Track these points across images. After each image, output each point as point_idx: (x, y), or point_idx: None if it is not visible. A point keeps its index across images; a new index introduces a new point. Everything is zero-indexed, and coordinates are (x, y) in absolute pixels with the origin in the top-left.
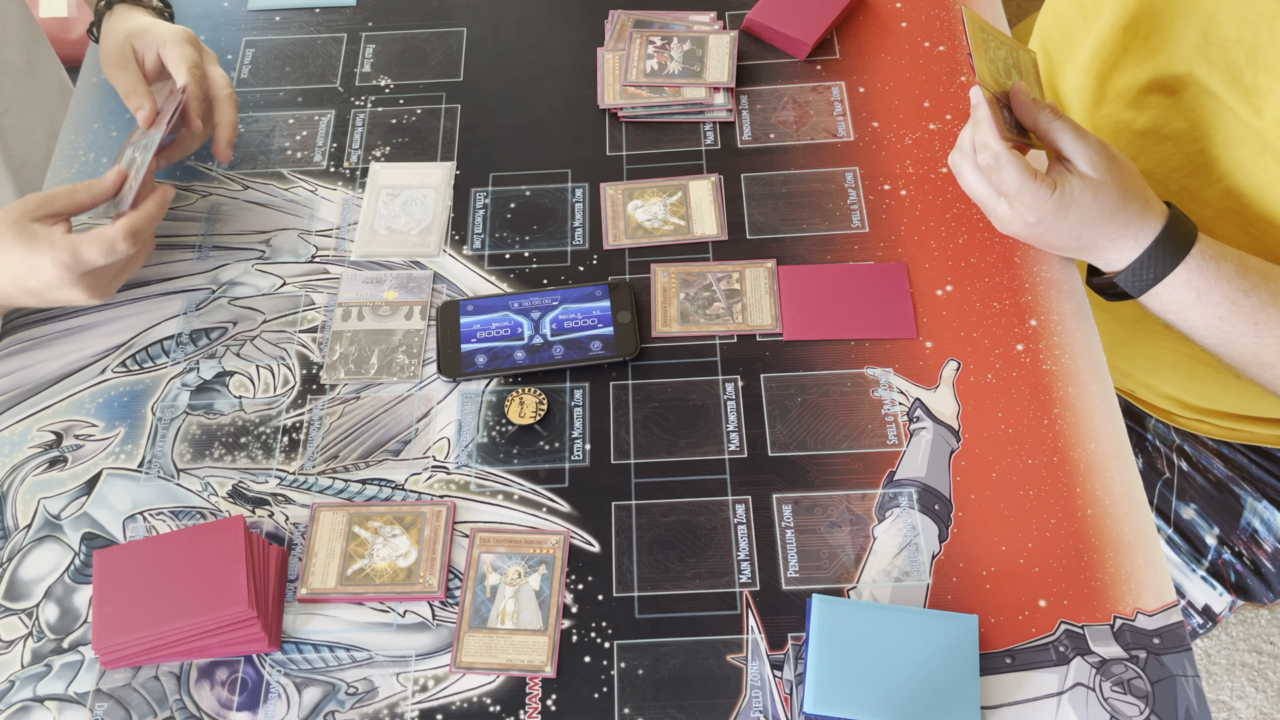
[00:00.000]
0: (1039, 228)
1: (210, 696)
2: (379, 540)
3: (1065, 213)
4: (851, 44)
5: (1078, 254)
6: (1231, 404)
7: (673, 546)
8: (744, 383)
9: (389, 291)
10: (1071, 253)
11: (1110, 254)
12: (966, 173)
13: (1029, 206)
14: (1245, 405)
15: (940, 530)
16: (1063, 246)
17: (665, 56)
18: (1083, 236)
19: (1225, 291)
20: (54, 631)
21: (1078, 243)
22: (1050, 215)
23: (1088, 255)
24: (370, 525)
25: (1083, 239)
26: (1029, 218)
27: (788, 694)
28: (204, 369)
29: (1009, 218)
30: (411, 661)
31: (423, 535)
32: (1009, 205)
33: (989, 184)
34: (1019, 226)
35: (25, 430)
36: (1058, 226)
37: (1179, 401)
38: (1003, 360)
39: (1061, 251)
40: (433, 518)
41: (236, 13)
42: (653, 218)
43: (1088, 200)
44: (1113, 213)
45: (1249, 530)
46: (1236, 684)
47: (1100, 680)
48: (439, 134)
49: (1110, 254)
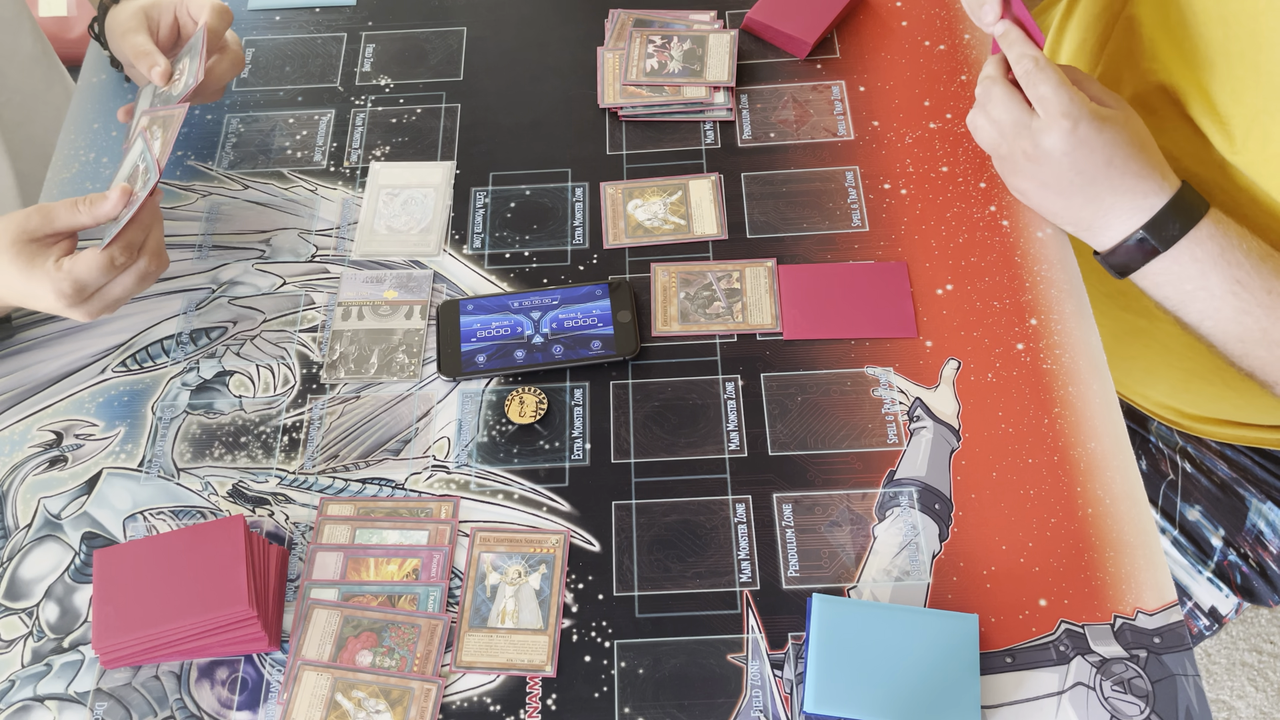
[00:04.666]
0: (1070, 156)
1: (210, 696)
2: (361, 714)
3: (1102, 128)
4: (852, 43)
5: (1096, 204)
6: (1228, 412)
7: (673, 546)
8: (744, 382)
9: (389, 291)
10: (1090, 203)
11: (1135, 198)
12: (998, 93)
13: (1064, 114)
14: (1241, 413)
15: (941, 529)
16: (1085, 185)
17: (665, 56)
18: (1113, 164)
19: (1247, 250)
20: (54, 631)
21: (1106, 178)
22: (1088, 127)
23: (1109, 204)
24: (354, 695)
25: (1112, 170)
26: (1059, 139)
27: (788, 693)
28: (204, 368)
29: (1030, 151)
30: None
31: (408, 716)
32: (1036, 129)
33: (1020, 103)
34: (1040, 166)
35: (25, 430)
36: (1089, 152)
37: (1176, 410)
38: (1003, 359)
39: (1077, 203)
40: (421, 696)
41: (236, 13)
42: (653, 217)
43: (1122, 121)
44: (1143, 143)
45: (1254, 532)
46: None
47: (1101, 680)
48: (439, 133)
49: (1135, 198)
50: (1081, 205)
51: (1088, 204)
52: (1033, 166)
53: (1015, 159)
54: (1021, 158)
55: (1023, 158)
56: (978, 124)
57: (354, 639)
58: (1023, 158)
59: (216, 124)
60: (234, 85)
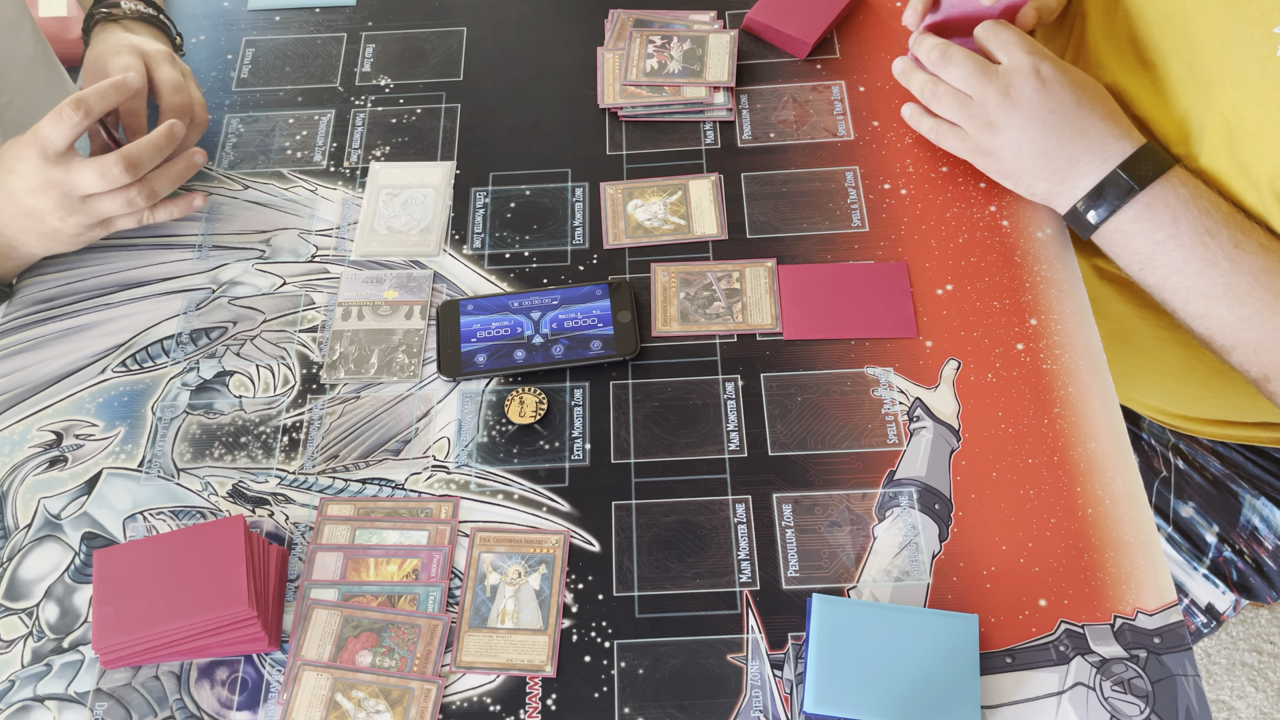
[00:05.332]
0: (1041, 93)
1: (210, 696)
2: (361, 714)
3: (1065, 69)
4: (852, 43)
5: (1070, 148)
6: (1215, 412)
7: (673, 546)
8: (744, 382)
9: (389, 291)
10: (1064, 147)
11: (1106, 140)
12: (956, 52)
13: (1030, 50)
14: (1229, 412)
15: (940, 530)
16: (1058, 125)
17: (665, 56)
18: (1082, 104)
19: (1214, 201)
20: (54, 631)
21: (1076, 118)
22: (1051, 67)
23: (1080, 148)
24: (354, 695)
25: (1081, 110)
26: (1029, 76)
27: (788, 693)
28: (204, 368)
29: (1000, 94)
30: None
31: (408, 716)
32: (1005, 70)
33: (980, 57)
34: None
35: (25, 430)
36: (1060, 88)
37: (1165, 411)
38: (1003, 359)
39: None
40: (421, 696)
41: (236, 13)
42: (653, 217)
43: (1079, 72)
44: (1103, 97)
45: (1249, 528)
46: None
47: (1100, 680)
48: (439, 133)
49: (1106, 140)
50: (1056, 150)
51: (1061, 148)
52: (1006, 108)
53: (988, 109)
54: (994, 104)
55: (995, 104)
56: (940, 92)
57: (354, 639)
58: (995, 104)
59: (216, 124)
60: (234, 85)
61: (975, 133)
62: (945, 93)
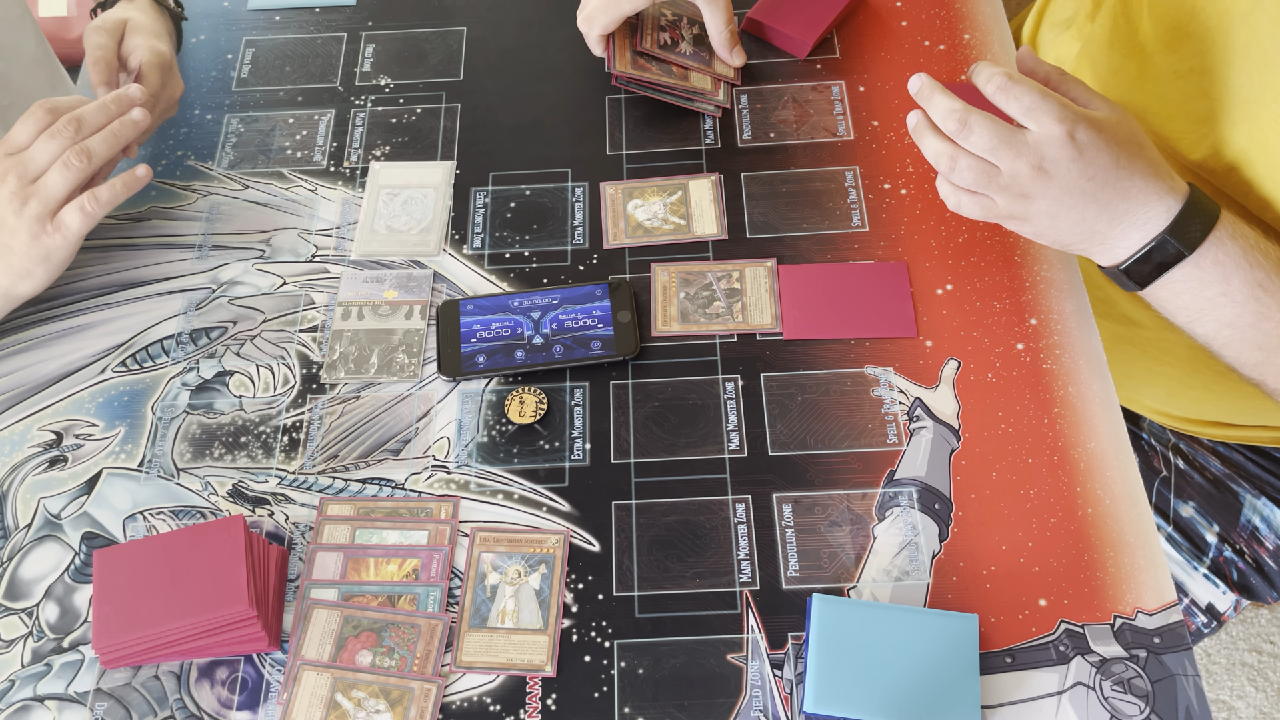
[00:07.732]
0: (1078, 162)
1: (210, 696)
2: (361, 714)
3: (1099, 128)
4: (851, 43)
5: (1110, 211)
6: (1217, 414)
7: (673, 546)
8: (744, 382)
9: (389, 291)
10: (1104, 211)
11: (1148, 199)
12: (977, 120)
13: (1059, 119)
14: (1231, 414)
15: (940, 529)
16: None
17: (677, 34)
18: (1120, 164)
19: (1265, 251)
20: (54, 631)
21: (1116, 180)
22: (1085, 130)
23: (1122, 210)
24: (354, 695)
25: (1120, 171)
26: (1062, 145)
27: (788, 693)
28: (204, 368)
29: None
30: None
31: (408, 716)
32: (1036, 141)
33: (1004, 124)
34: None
35: (25, 430)
36: (1096, 152)
37: (1165, 413)
38: (1003, 359)
39: (1091, 213)
40: (421, 696)
41: (236, 12)
42: (653, 217)
43: (1115, 122)
44: (1141, 148)
45: (1249, 528)
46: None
47: (1100, 679)
48: (439, 133)
49: (1148, 199)
50: (1096, 215)
51: (1102, 212)
52: (1041, 182)
53: (1020, 181)
54: (1026, 178)
55: (1028, 178)
56: (961, 166)
57: (354, 639)
58: (1028, 178)
59: (216, 124)
60: (234, 85)
61: (1005, 204)
62: (969, 166)
